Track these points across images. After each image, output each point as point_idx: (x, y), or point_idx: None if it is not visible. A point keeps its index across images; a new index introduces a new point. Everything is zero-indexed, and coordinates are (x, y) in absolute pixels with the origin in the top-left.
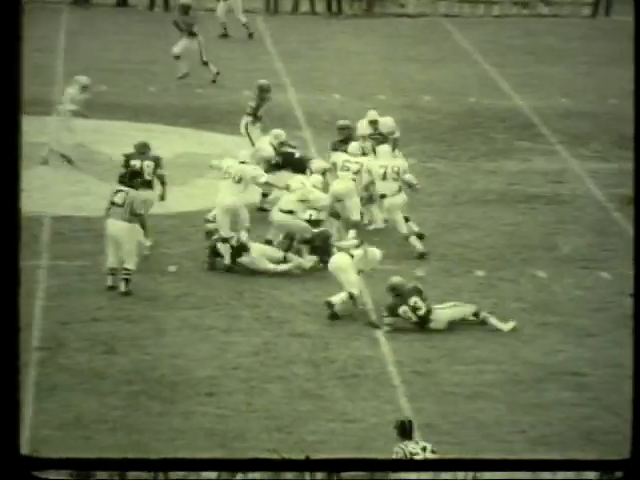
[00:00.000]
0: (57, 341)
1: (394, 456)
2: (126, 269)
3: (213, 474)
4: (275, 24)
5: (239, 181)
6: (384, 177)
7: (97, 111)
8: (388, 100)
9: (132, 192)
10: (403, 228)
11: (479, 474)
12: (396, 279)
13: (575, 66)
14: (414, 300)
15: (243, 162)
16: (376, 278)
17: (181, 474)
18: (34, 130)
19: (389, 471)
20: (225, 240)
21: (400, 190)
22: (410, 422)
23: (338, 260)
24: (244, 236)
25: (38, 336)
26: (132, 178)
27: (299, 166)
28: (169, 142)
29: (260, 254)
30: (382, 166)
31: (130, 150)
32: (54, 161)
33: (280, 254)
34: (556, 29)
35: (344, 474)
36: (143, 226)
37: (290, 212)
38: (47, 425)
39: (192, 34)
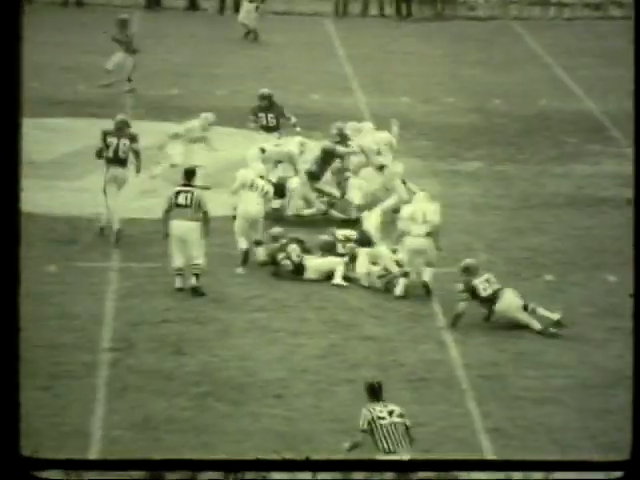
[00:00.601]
0: (127, 342)
1: (362, 419)
2: (196, 265)
3: (284, 474)
4: (344, 27)
5: (265, 194)
6: (378, 152)
7: (167, 113)
8: (457, 103)
9: (197, 191)
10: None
11: (551, 474)
12: (470, 260)
13: None
14: (489, 275)
15: (262, 176)
16: (442, 281)
17: (252, 474)
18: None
19: (460, 471)
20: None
21: (395, 160)
22: (379, 383)
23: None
24: (295, 251)
25: (109, 337)
26: (190, 176)
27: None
28: (237, 145)
29: (315, 269)
30: (375, 142)
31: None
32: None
33: (342, 266)
34: (628, 31)
35: (413, 474)
36: (207, 221)
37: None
38: (118, 426)
39: (130, 50)
